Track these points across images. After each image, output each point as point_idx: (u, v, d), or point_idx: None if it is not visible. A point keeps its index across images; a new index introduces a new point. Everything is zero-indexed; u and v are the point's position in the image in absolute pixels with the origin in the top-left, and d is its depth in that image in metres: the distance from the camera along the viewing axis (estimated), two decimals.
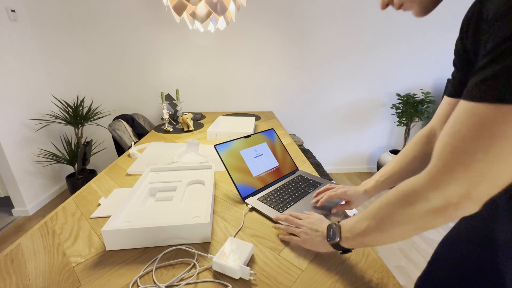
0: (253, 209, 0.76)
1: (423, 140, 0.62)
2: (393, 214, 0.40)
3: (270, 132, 1.01)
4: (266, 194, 0.81)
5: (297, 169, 0.99)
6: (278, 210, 0.73)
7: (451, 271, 0.54)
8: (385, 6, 0.47)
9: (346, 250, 0.52)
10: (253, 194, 0.81)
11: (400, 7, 0.45)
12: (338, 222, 0.52)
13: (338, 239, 0.49)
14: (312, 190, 0.84)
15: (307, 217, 0.61)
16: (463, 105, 0.33)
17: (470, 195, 0.32)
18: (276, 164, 0.94)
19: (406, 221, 0.38)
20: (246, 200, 0.79)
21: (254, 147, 0.92)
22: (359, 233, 0.46)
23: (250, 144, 0.92)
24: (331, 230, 0.52)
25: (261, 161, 0.91)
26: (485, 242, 0.48)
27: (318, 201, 0.75)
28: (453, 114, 0.34)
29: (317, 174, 1.00)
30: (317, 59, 2.28)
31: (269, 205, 0.75)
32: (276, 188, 0.85)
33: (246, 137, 0.92)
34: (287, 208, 0.74)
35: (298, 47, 2.23)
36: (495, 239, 0.47)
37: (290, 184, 0.87)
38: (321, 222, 0.58)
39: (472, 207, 0.33)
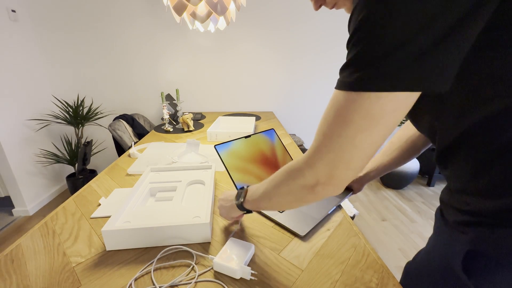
0: None
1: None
2: (279, 186, 0.45)
3: (270, 132, 1.01)
4: None
5: None
6: (278, 211, 0.73)
7: None
8: (318, 7, 0.48)
9: (249, 211, 0.56)
10: None
11: (333, 6, 0.47)
12: (248, 186, 0.56)
13: (242, 200, 0.54)
14: None
15: (223, 194, 0.65)
16: (333, 93, 0.36)
17: (333, 176, 0.36)
18: (277, 165, 0.94)
19: (287, 193, 0.43)
20: None
21: (254, 147, 0.92)
22: (255, 198, 0.51)
23: (250, 144, 0.92)
24: (240, 193, 0.56)
25: (261, 161, 0.90)
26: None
27: None
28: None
29: None
30: (317, 59, 2.28)
31: None
32: None
33: (246, 137, 0.92)
34: None
35: (299, 47, 2.23)
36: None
37: None
38: (233, 192, 0.61)
39: (335, 188, 0.37)
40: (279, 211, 0.52)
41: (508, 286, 0.38)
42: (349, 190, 0.80)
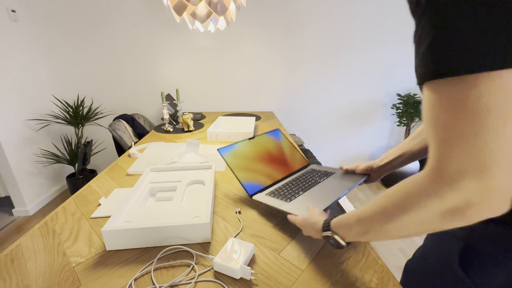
0: (254, 206, 0.76)
1: None
2: (399, 216, 0.34)
3: (275, 132, 0.99)
4: (275, 189, 0.78)
5: (308, 164, 0.94)
6: (285, 201, 0.70)
7: None
8: None
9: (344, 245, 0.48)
10: (262, 190, 0.78)
11: None
12: (330, 219, 0.48)
13: (344, 244, 0.46)
14: (324, 179, 0.79)
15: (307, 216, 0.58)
16: (424, 91, 0.30)
17: (490, 188, 0.26)
18: (285, 162, 0.91)
19: (418, 223, 0.33)
20: (253, 197, 0.76)
21: (260, 147, 0.89)
22: (361, 235, 0.42)
23: (254, 144, 0.90)
24: (331, 240, 0.48)
25: (268, 160, 0.88)
26: None
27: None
28: (422, 101, 0.32)
29: None
30: (317, 59, 2.28)
31: (276, 198, 0.72)
32: (286, 183, 0.81)
33: (250, 138, 0.91)
34: (295, 198, 0.70)
35: (299, 47, 2.23)
36: None
37: (300, 178, 0.83)
38: (316, 218, 0.53)
39: (498, 204, 0.27)
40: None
41: (505, 281, 0.38)
42: (365, 175, 0.74)
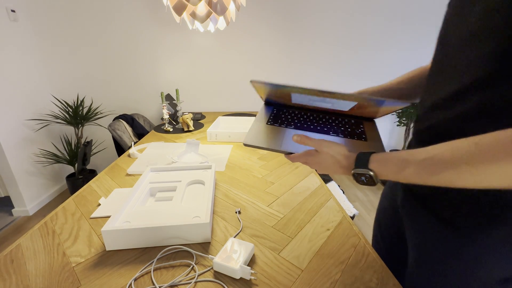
0: (255, 206, 0.76)
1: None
2: (490, 166, 0.28)
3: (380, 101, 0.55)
4: (290, 110, 0.63)
5: (373, 118, 0.63)
6: (283, 126, 0.58)
7: None
8: None
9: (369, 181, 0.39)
10: (279, 106, 0.65)
11: None
12: (368, 164, 0.39)
13: (378, 182, 0.38)
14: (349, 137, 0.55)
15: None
16: None
17: None
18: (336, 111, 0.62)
19: (505, 175, 0.28)
20: (265, 104, 0.66)
21: (325, 99, 0.56)
22: (415, 177, 0.34)
23: (322, 94, 0.55)
24: (363, 178, 0.40)
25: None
26: None
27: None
28: None
29: (316, 174, 1.00)
30: (317, 59, 2.28)
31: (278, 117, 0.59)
32: (310, 111, 0.62)
33: (321, 92, 0.53)
34: (290, 128, 0.57)
35: (299, 46, 2.23)
36: None
37: (333, 118, 0.60)
38: (347, 152, 0.45)
39: None
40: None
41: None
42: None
